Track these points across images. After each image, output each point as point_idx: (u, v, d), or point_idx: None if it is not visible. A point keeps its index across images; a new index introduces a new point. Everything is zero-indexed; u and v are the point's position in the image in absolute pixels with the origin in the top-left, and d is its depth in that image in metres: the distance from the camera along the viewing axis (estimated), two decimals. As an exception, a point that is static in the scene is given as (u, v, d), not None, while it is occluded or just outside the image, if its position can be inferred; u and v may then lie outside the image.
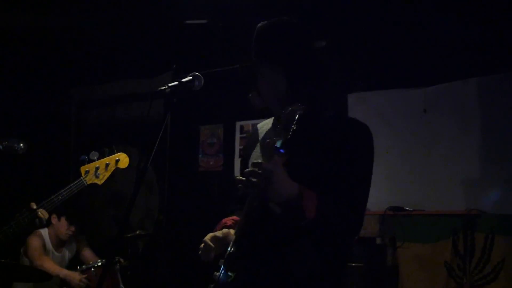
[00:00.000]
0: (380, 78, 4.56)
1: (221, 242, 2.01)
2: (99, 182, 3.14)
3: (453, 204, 4.12)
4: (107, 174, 3.16)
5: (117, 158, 3.20)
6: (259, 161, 1.76)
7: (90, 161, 3.13)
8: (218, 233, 2.04)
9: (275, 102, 2.02)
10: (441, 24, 4.32)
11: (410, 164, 4.31)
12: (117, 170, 3.21)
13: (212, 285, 1.90)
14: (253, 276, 1.94)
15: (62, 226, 4.69)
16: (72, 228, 4.70)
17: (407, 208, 4.22)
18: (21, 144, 3.36)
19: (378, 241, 4.29)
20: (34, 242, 4.58)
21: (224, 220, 2.16)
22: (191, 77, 2.04)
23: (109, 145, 3.27)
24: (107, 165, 3.15)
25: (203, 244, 2.01)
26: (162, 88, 1.96)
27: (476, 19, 4.19)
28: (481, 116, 4.15)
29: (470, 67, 4.21)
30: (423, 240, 4.14)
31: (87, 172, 3.10)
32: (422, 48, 4.37)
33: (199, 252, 2.02)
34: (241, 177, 1.78)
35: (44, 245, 4.65)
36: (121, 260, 4.53)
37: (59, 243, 4.77)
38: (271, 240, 1.93)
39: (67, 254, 4.84)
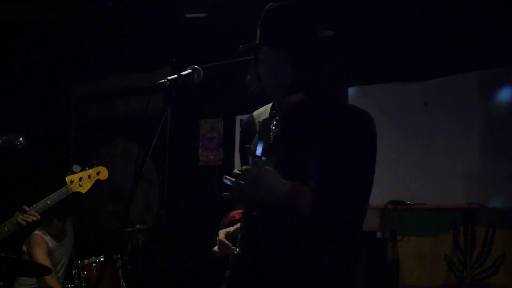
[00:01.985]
0: (380, 71, 4.54)
1: (235, 238, 2.01)
2: (83, 190, 3.54)
3: (453, 198, 4.12)
4: (90, 184, 3.55)
5: (98, 171, 3.61)
6: (246, 167, 1.77)
7: (73, 172, 3.50)
8: (230, 229, 2.04)
9: (276, 88, 1.99)
10: (442, 17, 4.30)
11: (411, 158, 4.30)
12: (99, 181, 3.62)
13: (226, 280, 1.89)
14: (268, 271, 1.90)
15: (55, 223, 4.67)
16: (55, 223, 4.67)
17: (407, 202, 4.21)
18: (21, 139, 3.39)
19: (379, 235, 4.29)
20: (37, 249, 4.50)
21: (231, 214, 2.15)
22: (190, 70, 2.02)
23: (91, 160, 3.72)
24: (89, 176, 3.55)
25: (219, 243, 2.01)
26: (161, 81, 1.95)
27: (476, 12, 4.17)
28: (482, 110, 4.13)
29: (470, 61, 4.19)
30: (423, 234, 4.14)
31: (72, 181, 3.47)
32: (423, 41, 4.35)
33: (214, 249, 2.02)
34: (230, 178, 1.78)
35: (47, 245, 4.60)
36: (125, 257, 4.52)
37: (59, 234, 4.74)
38: (280, 237, 1.90)
39: (70, 241, 4.83)
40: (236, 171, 1.78)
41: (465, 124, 4.17)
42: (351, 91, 4.61)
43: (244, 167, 1.77)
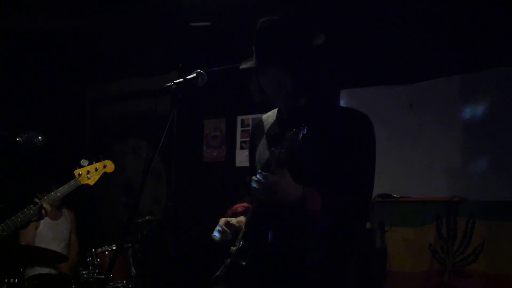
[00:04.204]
0: (369, 75, 4.54)
1: (235, 228, 1.99)
2: (91, 183, 3.46)
3: (437, 191, 4.11)
4: (97, 176, 3.47)
5: (104, 164, 3.53)
6: (266, 173, 1.75)
7: (81, 166, 3.42)
8: (233, 220, 2.01)
9: (280, 98, 1.98)
10: (427, 24, 4.30)
11: (398, 155, 4.30)
12: (106, 174, 3.53)
13: (224, 270, 1.87)
14: (266, 265, 1.88)
15: None
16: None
17: (394, 195, 4.22)
18: (39, 137, 3.35)
19: (368, 225, 4.28)
20: None
21: (235, 206, 2.13)
22: (195, 75, 2.02)
23: (98, 154, 3.62)
24: (96, 169, 3.47)
25: (218, 228, 1.99)
26: (168, 84, 1.95)
27: (459, 20, 4.17)
28: (463, 110, 4.13)
29: (453, 65, 4.19)
30: (409, 224, 4.14)
31: (80, 174, 3.39)
32: (409, 47, 4.35)
33: (213, 234, 1.99)
34: (254, 179, 1.77)
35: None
36: (135, 245, 4.51)
37: (55, 213, 4.74)
38: (282, 232, 1.89)
39: (64, 224, 4.83)
40: (254, 178, 1.76)
41: (447, 123, 4.17)
42: (342, 93, 4.61)
43: (264, 173, 1.76)
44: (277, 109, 2.12)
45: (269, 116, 2.14)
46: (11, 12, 5.03)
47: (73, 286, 4.34)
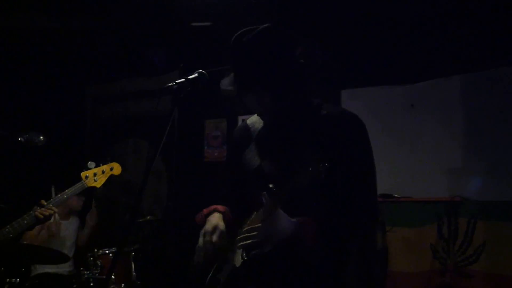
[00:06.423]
0: (370, 75, 4.54)
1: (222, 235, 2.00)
2: (97, 185, 3.45)
3: (438, 192, 4.11)
4: (104, 179, 3.45)
5: (111, 167, 3.51)
6: (259, 225, 1.75)
7: (88, 169, 3.40)
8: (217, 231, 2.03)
9: (263, 111, 2.00)
10: (427, 24, 4.30)
11: (399, 155, 4.30)
12: (112, 176, 3.52)
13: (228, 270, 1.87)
14: (268, 267, 1.88)
15: (73, 198, 4.63)
16: (83, 198, 4.70)
17: (395, 195, 4.21)
18: (41, 137, 3.34)
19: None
20: None
21: (213, 206, 2.14)
22: (196, 75, 2.01)
23: (105, 157, 3.61)
24: (103, 171, 3.45)
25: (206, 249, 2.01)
26: (170, 84, 1.94)
27: (459, 21, 4.16)
28: (463, 110, 4.13)
29: (453, 65, 4.19)
30: (410, 224, 4.13)
31: (87, 177, 3.37)
32: (409, 47, 4.35)
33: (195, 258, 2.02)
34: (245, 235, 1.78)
35: None
36: (135, 246, 4.50)
37: (67, 213, 4.74)
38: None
39: (73, 224, 4.83)
40: (246, 233, 1.79)
41: (448, 123, 4.17)
42: (343, 94, 4.60)
43: (255, 226, 1.77)
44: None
45: (255, 122, 2.13)
46: (11, 12, 5.04)
47: (74, 286, 4.33)
